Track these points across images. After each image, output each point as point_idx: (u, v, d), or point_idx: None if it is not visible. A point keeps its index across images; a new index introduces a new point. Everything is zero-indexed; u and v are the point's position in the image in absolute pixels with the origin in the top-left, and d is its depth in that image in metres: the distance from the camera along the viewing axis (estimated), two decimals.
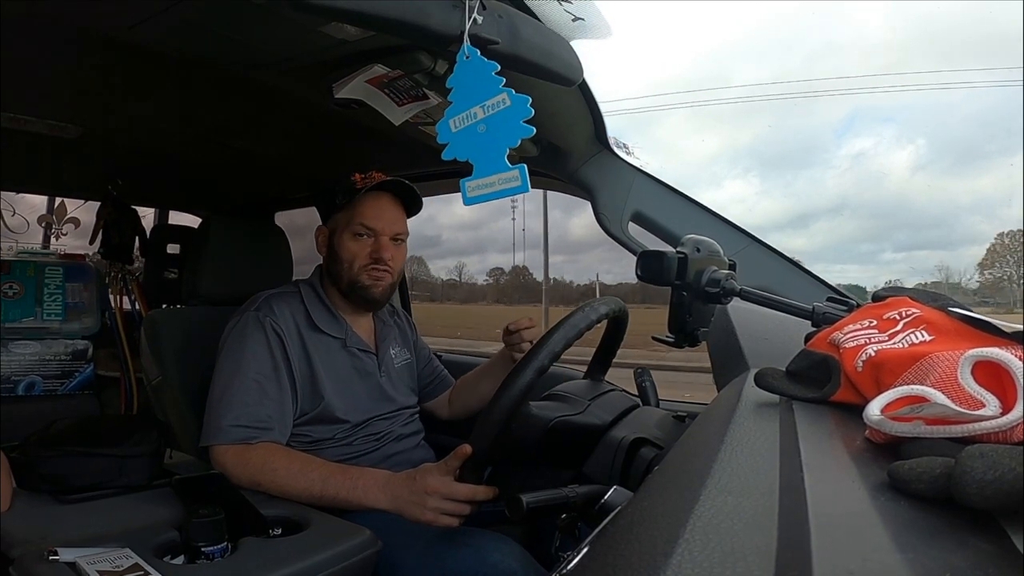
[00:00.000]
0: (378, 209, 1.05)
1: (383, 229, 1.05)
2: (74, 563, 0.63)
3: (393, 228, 1.06)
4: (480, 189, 0.61)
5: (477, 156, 0.60)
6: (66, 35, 0.79)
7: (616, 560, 0.28)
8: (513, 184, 0.59)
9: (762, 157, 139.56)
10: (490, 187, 0.60)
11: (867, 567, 0.19)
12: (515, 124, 0.58)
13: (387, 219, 1.05)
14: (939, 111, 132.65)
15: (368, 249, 1.04)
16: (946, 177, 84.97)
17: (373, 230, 1.04)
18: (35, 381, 1.52)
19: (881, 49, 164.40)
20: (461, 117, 0.61)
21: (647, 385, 1.00)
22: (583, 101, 0.98)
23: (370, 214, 1.04)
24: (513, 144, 0.59)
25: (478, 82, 0.60)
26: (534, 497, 0.63)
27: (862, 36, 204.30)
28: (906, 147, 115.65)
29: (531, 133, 0.58)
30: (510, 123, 0.58)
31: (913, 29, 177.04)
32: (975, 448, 0.23)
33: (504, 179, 0.59)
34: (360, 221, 1.04)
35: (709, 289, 0.63)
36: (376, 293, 1.06)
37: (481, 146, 0.60)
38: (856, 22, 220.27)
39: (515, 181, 0.59)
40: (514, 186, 0.59)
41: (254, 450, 0.90)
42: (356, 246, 1.04)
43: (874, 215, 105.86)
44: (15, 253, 1.62)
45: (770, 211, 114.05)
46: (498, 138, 0.59)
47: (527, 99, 0.58)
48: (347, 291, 1.07)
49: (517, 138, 0.58)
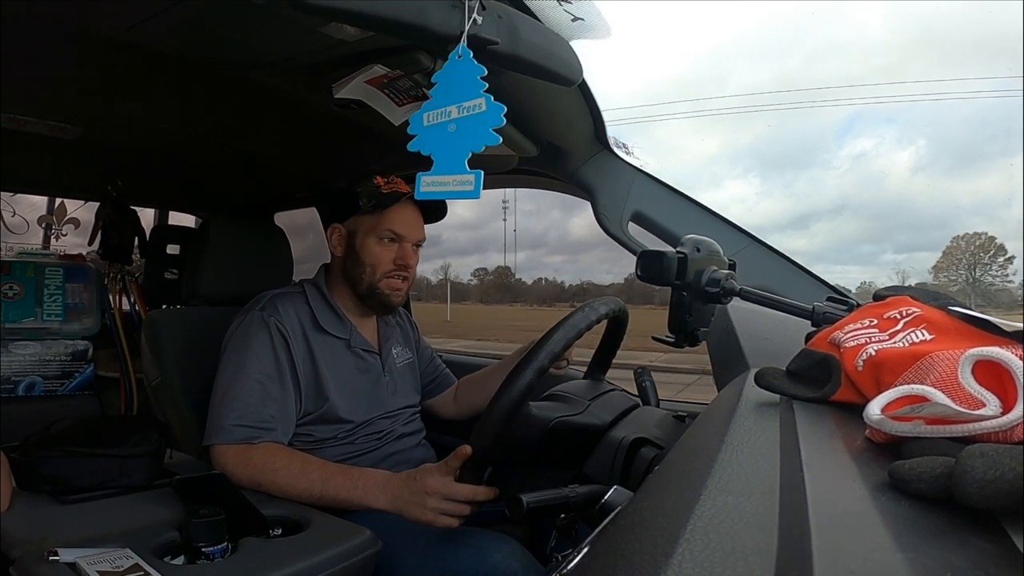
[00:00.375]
0: (408, 218, 1.07)
1: (409, 236, 1.07)
2: (74, 563, 0.63)
3: (418, 235, 1.09)
4: (434, 186, 0.62)
5: (440, 153, 0.61)
6: (66, 35, 0.79)
7: (617, 560, 0.28)
8: (466, 187, 0.60)
9: (763, 157, 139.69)
10: (444, 186, 0.61)
11: (867, 567, 0.19)
12: (484, 130, 0.59)
13: (414, 227, 1.08)
14: (939, 111, 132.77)
15: (393, 255, 1.06)
16: (947, 178, 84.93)
17: (401, 236, 1.06)
18: (35, 381, 1.52)
19: (881, 50, 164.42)
20: (435, 113, 0.62)
21: (647, 385, 1.00)
22: (583, 101, 0.98)
23: (401, 222, 1.06)
24: (476, 149, 0.59)
25: (462, 83, 0.60)
26: (534, 497, 0.63)
27: (862, 36, 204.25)
28: (907, 148, 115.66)
29: (497, 142, 0.59)
30: (479, 128, 0.59)
31: (913, 29, 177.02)
32: (975, 448, 0.23)
33: (459, 180, 0.60)
34: (390, 228, 1.05)
35: (709, 289, 0.63)
36: (395, 301, 1.08)
37: (446, 144, 0.61)
38: (855, 22, 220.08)
39: (468, 185, 0.60)
40: (467, 190, 0.60)
41: (255, 450, 0.90)
42: (382, 251, 1.05)
43: (874, 216, 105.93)
44: (15, 254, 1.62)
45: (771, 211, 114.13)
46: (464, 140, 0.60)
47: (502, 108, 0.58)
48: (365, 295, 1.07)
49: (482, 144, 0.59)
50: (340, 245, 1.09)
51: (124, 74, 0.93)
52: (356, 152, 1.32)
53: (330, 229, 1.10)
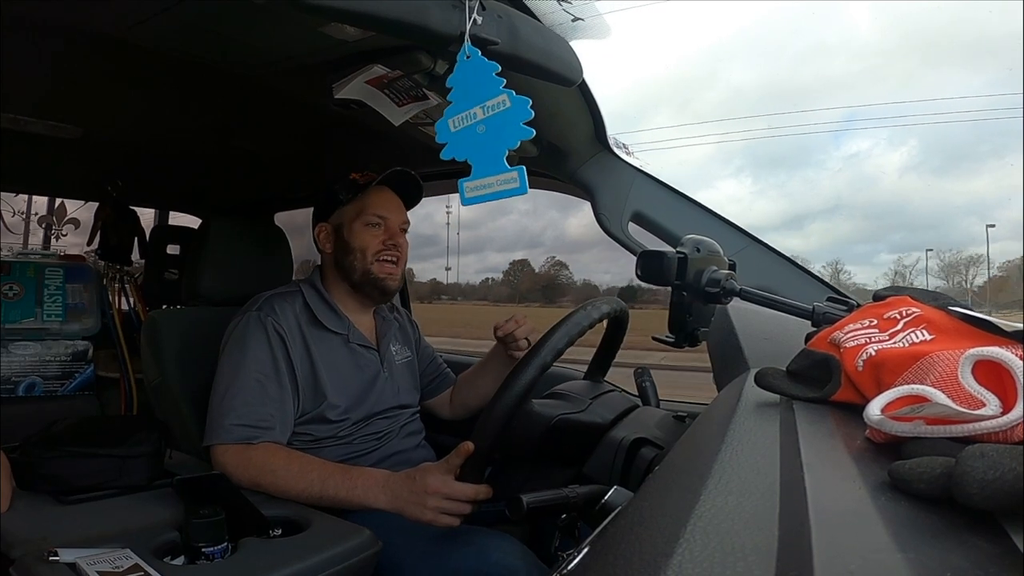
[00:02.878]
0: (388, 199, 1.10)
1: (393, 218, 1.09)
2: (74, 564, 0.63)
3: (401, 218, 1.11)
4: (479, 190, 0.61)
5: (476, 157, 0.61)
6: (66, 35, 0.79)
7: (617, 560, 0.28)
8: (512, 185, 0.59)
9: (757, 158, 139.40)
10: (488, 188, 0.60)
11: (867, 567, 0.19)
12: (515, 126, 0.58)
13: (396, 209, 1.10)
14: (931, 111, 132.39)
15: (381, 237, 1.08)
16: (940, 178, 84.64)
17: (384, 219, 1.08)
18: (35, 382, 1.52)
19: (868, 53, 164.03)
20: (460, 117, 0.61)
21: (647, 385, 1.00)
22: (583, 101, 0.98)
23: (382, 204, 1.08)
24: (512, 146, 0.59)
25: (479, 82, 0.60)
26: (534, 497, 0.63)
27: (851, 37, 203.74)
28: (898, 148, 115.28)
29: (531, 135, 0.58)
30: (510, 124, 0.58)
31: (901, 31, 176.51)
32: (976, 448, 0.23)
33: (503, 180, 0.59)
34: (372, 211, 1.07)
35: (709, 289, 0.63)
36: (391, 284, 1.10)
37: (480, 147, 0.60)
38: (843, 24, 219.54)
39: (514, 183, 0.59)
40: (512, 187, 0.59)
41: (255, 450, 0.90)
42: (369, 235, 1.07)
43: (868, 216, 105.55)
44: (15, 254, 1.62)
45: (766, 212, 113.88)
46: (497, 139, 0.59)
47: (527, 101, 0.58)
48: (360, 283, 1.08)
49: (516, 140, 0.58)
50: (328, 241, 1.10)
51: (124, 74, 0.93)
52: (356, 152, 1.32)
53: (317, 229, 1.12)
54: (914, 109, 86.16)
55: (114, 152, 1.37)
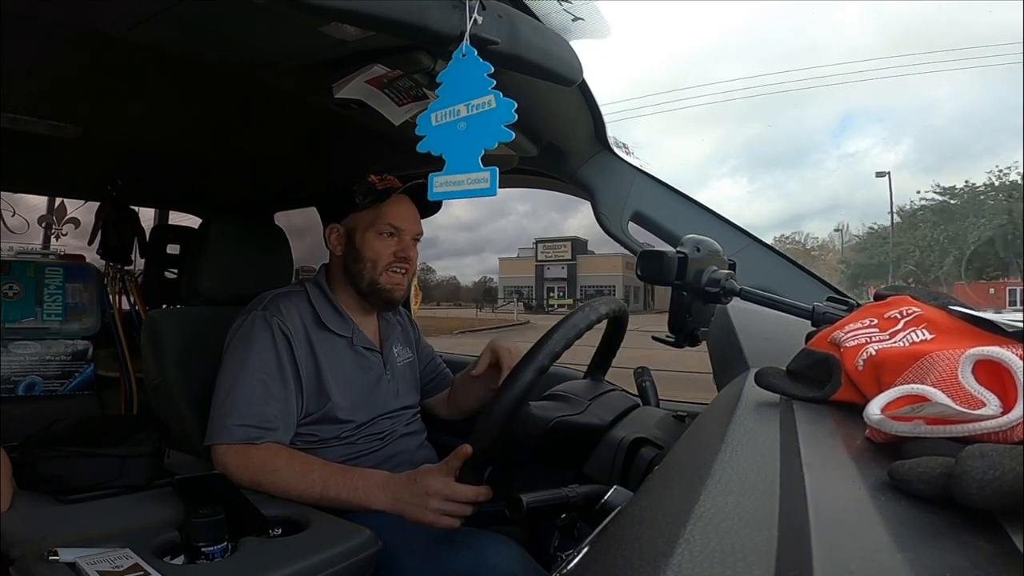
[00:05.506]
0: (405, 210, 1.08)
1: (408, 229, 1.08)
2: (74, 563, 0.63)
3: (415, 228, 1.10)
4: (448, 185, 0.61)
5: (452, 152, 0.61)
6: (66, 35, 0.79)
7: (616, 560, 0.28)
8: (482, 185, 0.59)
9: (756, 157, 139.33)
10: (458, 185, 0.60)
11: (867, 566, 0.19)
12: (495, 127, 0.58)
13: (412, 220, 1.09)
14: (924, 111, 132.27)
15: (393, 248, 1.07)
16: (933, 175, 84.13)
17: (399, 230, 1.07)
18: (35, 381, 1.52)
19: (859, 52, 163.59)
20: (444, 112, 0.61)
21: (647, 385, 1.00)
22: (583, 101, 0.98)
23: (399, 215, 1.07)
24: (490, 146, 0.59)
25: (469, 81, 0.60)
26: (534, 497, 0.63)
27: (842, 38, 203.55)
28: (894, 147, 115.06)
29: (510, 138, 0.58)
30: (491, 125, 0.58)
31: (891, 33, 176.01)
32: (975, 448, 0.23)
33: (474, 179, 0.60)
34: (388, 221, 1.06)
35: (709, 289, 0.63)
36: (397, 295, 1.09)
37: (458, 143, 0.60)
38: (834, 24, 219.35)
39: (484, 183, 0.59)
40: (483, 187, 0.59)
41: (257, 450, 0.90)
42: (381, 245, 1.06)
43: (865, 215, 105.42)
44: (15, 254, 1.62)
45: (762, 212, 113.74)
46: (476, 138, 0.59)
47: (512, 104, 0.58)
48: (366, 291, 1.07)
49: (495, 140, 0.58)
50: (339, 244, 1.09)
51: (124, 74, 0.93)
52: (356, 152, 1.32)
53: (328, 229, 1.11)
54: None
55: (114, 152, 1.37)
